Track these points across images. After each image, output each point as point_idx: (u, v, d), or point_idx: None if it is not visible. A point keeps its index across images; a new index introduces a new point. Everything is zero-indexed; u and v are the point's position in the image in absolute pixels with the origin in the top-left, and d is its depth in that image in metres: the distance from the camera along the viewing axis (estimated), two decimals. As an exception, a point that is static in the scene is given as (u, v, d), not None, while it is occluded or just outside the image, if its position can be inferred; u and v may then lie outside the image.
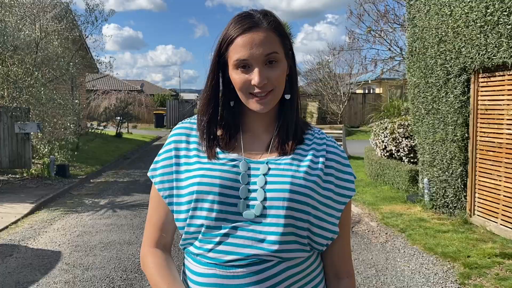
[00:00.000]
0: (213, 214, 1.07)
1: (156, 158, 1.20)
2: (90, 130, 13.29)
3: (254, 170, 1.10)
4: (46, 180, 9.03)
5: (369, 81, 25.04)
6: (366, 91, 28.88)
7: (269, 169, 1.09)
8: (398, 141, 8.08)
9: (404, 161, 8.02)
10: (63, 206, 7.31)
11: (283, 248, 1.05)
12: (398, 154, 8.14)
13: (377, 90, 27.72)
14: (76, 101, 10.67)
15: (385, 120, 9.29)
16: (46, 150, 10.07)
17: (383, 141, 8.46)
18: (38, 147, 10.23)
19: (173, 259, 1.19)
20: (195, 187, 1.08)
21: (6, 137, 9.49)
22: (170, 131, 1.25)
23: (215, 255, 1.07)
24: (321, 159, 1.12)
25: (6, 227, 5.98)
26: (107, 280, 4.18)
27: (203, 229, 1.08)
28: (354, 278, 1.21)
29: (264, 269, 1.04)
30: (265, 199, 1.06)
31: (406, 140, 7.88)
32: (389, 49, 11.78)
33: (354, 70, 20.80)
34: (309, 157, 1.12)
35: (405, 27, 7.68)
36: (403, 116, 9.44)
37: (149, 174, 1.21)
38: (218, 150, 1.13)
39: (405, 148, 7.92)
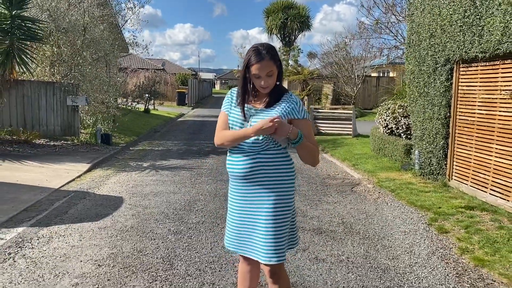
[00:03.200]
0: (233, 128, 2.48)
1: (224, 103, 2.60)
2: (124, 106, 14.77)
3: (253, 111, 2.46)
4: (94, 147, 10.53)
5: (384, 65, 25.90)
6: (381, 74, 29.75)
7: (257, 112, 2.45)
8: (397, 120, 9.32)
9: (402, 137, 9.27)
10: (113, 166, 8.79)
11: (259, 146, 2.44)
12: (397, 131, 9.39)
13: (391, 74, 28.56)
14: (119, 78, 12.12)
15: (389, 101, 10.49)
16: (91, 121, 11.58)
17: (385, 120, 9.69)
18: (84, 118, 11.73)
19: None
20: (232, 118, 2.49)
21: (59, 108, 11.00)
22: (192, 109, 2.87)
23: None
24: (287, 107, 2.46)
25: (73, 179, 7.47)
26: (162, 214, 5.60)
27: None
28: (317, 147, 2.56)
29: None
30: (251, 125, 2.42)
31: (405, 119, 9.12)
32: (395, 39, 12.88)
33: (367, 54, 21.74)
34: (277, 107, 2.45)
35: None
36: (404, 99, 10.61)
37: (222, 108, 2.60)
38: (246, 104, 2.50)
39: (403, 125, 9.17)
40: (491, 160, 5.90)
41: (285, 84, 25.34)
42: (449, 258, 4.31)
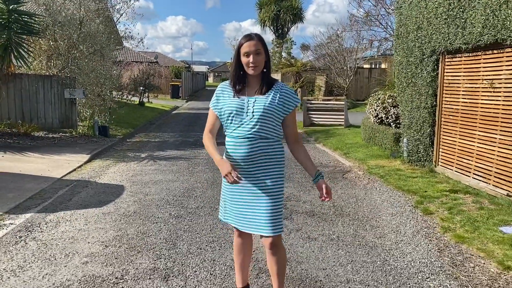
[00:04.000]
0: (233, 117, 2.70)
1: (212, 99, 2.83)
2: (119, 99, 14.97)
3: (251, 100, 2.71)
4: (92, 138, 10.76)
5: (375, 57, 26.19)
6: (373, 66, 30.06)
7: (255, 100, 2.70)
8: (387, 110, 9.63)
9: (391, 126, 9.59)
10: (112, 157, 9.03)
11: (259, 132, 2.69)
12: (387, 120, 9.71)
13: (383, 65, 28.87)
14: (114, 71, 12.32)
15: (380, 92, 10.79)
16: (88, 113, 11.79)
17: (375, 110, 10.00)
18: (81, 110, 11.94)
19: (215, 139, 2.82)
20: (229, 108, 2.71)
21: (57, 101, 11.20)
22: (186, 101, 3.12)
23: (234, 133, 2.70)
24: (278, 95, 2.72)
25: (74, 169, 7.71)
26: (163, 200, 5.88)
27: (231, 122, 2.71)
28: (301, 141, 2.87)
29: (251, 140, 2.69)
30: (253, 112, 2.67)
31: (394, 108, 9.43)
32: (385, 31, 13.18)
33: (359, 46, 22.01)
34: (272, 95, 2.72)
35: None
36: (394, 89, 10.91)
37: (210, 105, 2.84)
38: (238, 95, 2.75)
39: (393, 115, 9.49)
40: (474, 146, 6.23)
41: (278, 76, 25.64)
42: (432, 236, 4.63)
